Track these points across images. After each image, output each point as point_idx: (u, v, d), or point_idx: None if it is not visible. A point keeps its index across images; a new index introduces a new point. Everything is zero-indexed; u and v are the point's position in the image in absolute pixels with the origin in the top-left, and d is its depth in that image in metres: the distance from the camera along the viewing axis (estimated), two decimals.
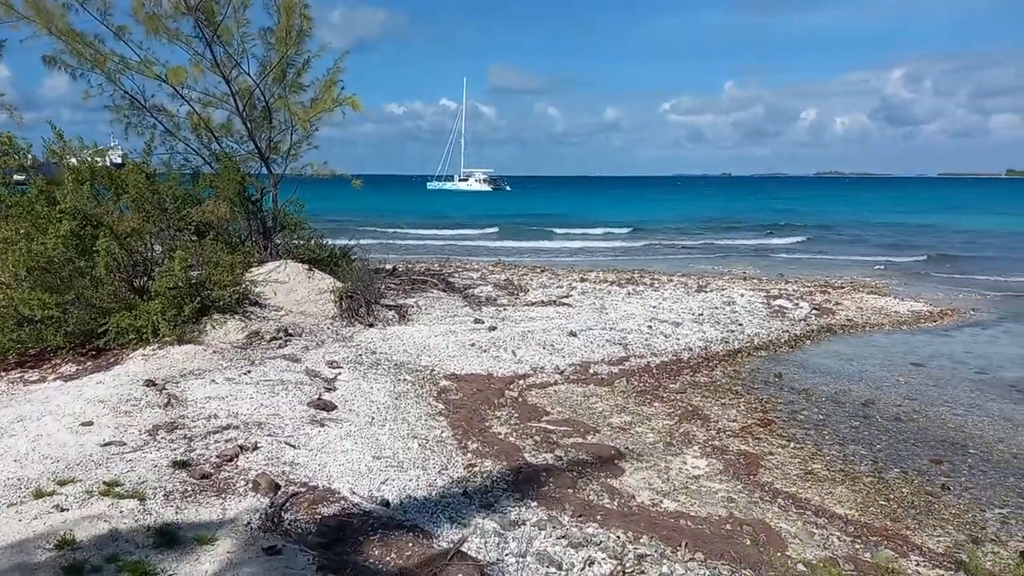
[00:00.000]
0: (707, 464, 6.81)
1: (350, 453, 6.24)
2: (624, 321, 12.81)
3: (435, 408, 7.95)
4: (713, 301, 15.17)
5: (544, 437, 7.29)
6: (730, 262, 24.91)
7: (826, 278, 19.86)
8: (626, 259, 26.26)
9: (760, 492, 6.19)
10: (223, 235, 12.46)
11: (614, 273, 20.21)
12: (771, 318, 13.70)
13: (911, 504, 6.10)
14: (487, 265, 21.39)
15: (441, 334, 11.11)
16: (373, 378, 8.77)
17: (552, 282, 17.75)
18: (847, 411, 8.63)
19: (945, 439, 7.73)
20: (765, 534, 5.31)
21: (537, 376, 9.61)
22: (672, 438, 7.51)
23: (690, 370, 10.36)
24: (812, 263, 25.01)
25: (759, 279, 19.58)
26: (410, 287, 14.78)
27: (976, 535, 5.58)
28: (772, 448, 7.35)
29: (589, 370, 10.01)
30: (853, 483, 6.51)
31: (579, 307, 14.27)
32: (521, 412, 8.12)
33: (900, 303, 15.61)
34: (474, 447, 6.81)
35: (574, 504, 5.63)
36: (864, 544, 5.28)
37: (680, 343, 11.55)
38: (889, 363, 10.93)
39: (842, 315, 14.24)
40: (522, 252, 28.37)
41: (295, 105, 13.33)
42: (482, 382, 9.12)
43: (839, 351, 11.73)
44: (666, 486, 6.21)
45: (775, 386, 9.63)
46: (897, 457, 7.18)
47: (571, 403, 8.59)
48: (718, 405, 8.75)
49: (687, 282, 18.29)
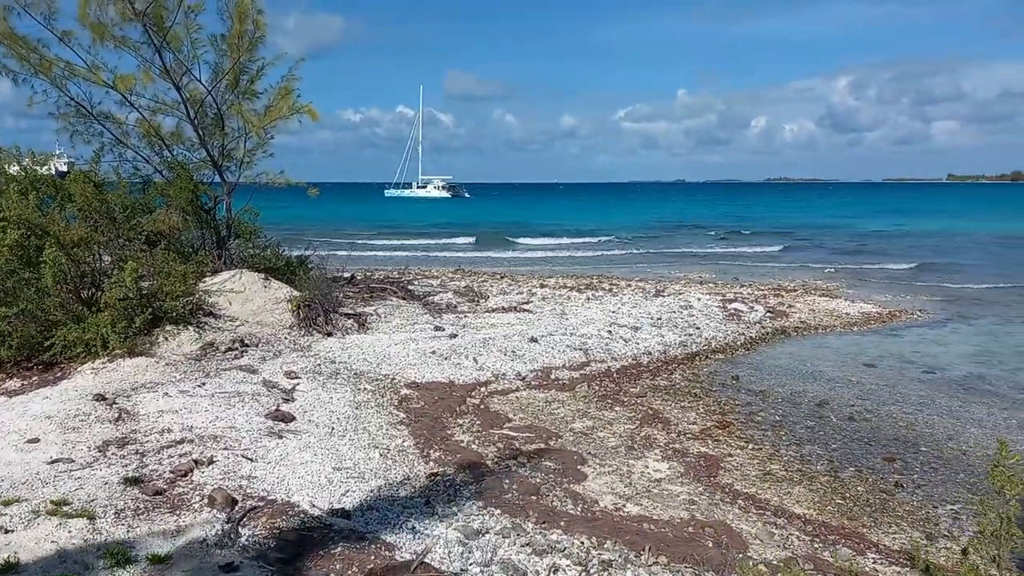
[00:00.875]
0: (668, 467, 6.87)
1: (310, 465, 6.12)
2: (584, 326, 12.88)
3: (396, 417, 7.86)
4: (671, 305, 15.35)
5: (507, 444, 7.27)
6: (687, 266, 25.28)
7: (779, 281, 20.29)
8: (585, 264, 26.45)
9: (721, 494, 6.26)
10: (175, 245, 12.17)
11: (574, 279, 20.34)
12: (727, 321, 13.92)
13: (867, 502, 6.23)
14: (447, 272, 21.31)
15: (401, 342, 11.01)
16: (333, 388, 8.64)
17: (512, 288, 17.76)
18: (802, 412, 8.81)
19: (897, 437, 7.94)
20: (727, 535, 5.36)
21: (499, 383, 9.59)
22: (634, 442, 7.55)
23: (650, 374, 10.45)
24: (766, 266, 25.55)
25: (715, 283, 19.90)
26: (369, 295, 14.63)
27: (930, 531, 5.72)
28: (731, 450, 7.45)
29: (551, 376, 10.02)
30: (810, 483, 6.64)
31: (539, 313, 14.30)
32: (483, 419, 8.09)
33: (850, 305, 16.02)
34: (436, 456, 6.75)
35: (538, 511, 5.61)
36: (822, 543, 5.37)
37: (640, 347, 11.65)
38: (841, 364, 11.20)
39: (795, 317, 14.55)
40: (482, 259, 28.35)
41: (249, 112, 13.11)
42: (443, 390, 9.06)
43: (793, 353, 11.98)
44: (629, 490, 6.24)
45: (733, 388, 9.77)
46: (852, 456, 7.35)
47: (533, 409, 8.59)
48: (678, 408, 8.84)
49: (645, 287, 18.49)
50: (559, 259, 29.41)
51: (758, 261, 28.03)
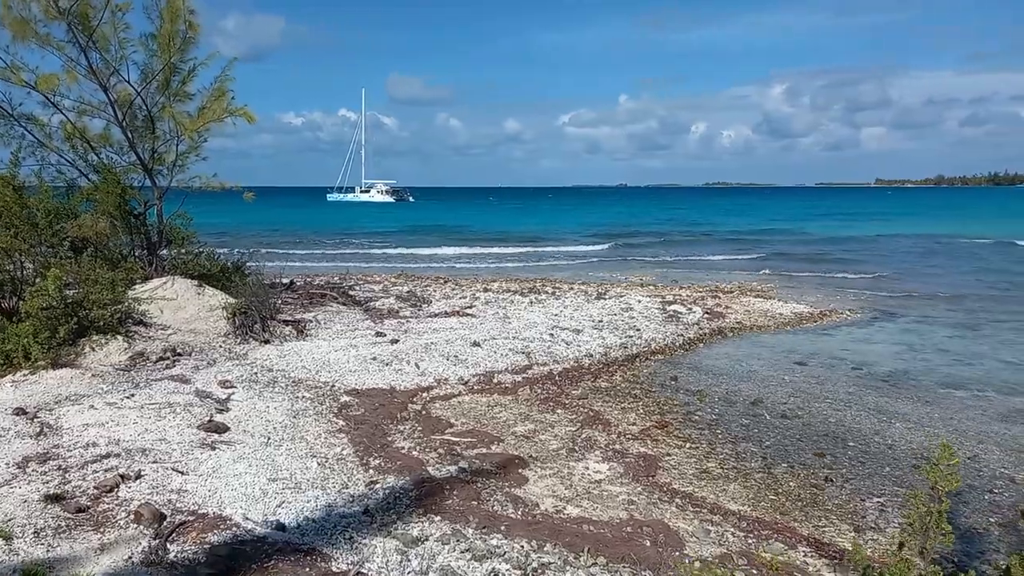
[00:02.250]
0: (608, 468, 6.94)
1: (244, 476, 5.96)
2: (527, 330, 12.93)
3: (335, 425, 7.73)
4: (612, 308, 15.54)
5: (448, 449, 7.22)
6: (628, 269, 25.65)
7: (717, 283, 20.76)
8: (529, 268, 26.56)
9: (659, 493, 6.35)
10: (103, 251, 11.73)
11: (517, 282, 20.40)
12: (666, 323, 14.17)
13: (798, 497, 6.42)
14: (389, 277, 21.11)
15: (341, 348, 10.85)
16: (269, 396, 8.44)
17: (456, 292, 17.71)
18: (738, 410, 9.02)
19: (827, 433, 8.20)
20: (664, 534, 5.44)
21: (441, 388, 9.53)
22: (575, 444, 7.60)
23: (591, 376, 10.55)
24: (704, 268, 26.12)
25: (655, 285, 20.24)
26: (309, 301, 14.37)
27: (857, 524, 5.92)
28: (669, 449, 7.57)
29: (493, 379, 10.02)
30: (745, 480, 6.80)
31: (482, 317, 14.29)
32: (425, 425, 8.02)
33: (784, 305, 16.51)
34: (376, 463, 6.66)
35: (478, 516, 5.59)
36: (756, 539, 5.50)
37: (581, 350, 11.75)
38: (775, 362, 11.53)
39: (732, 318, 14.91)
40: (426, 263, 28.19)
41: (181, 115, 12.75)
42: (384, 396, 8.96)
43: (729, 353, 12.27)
44: (569, 492, 6.28)
45: (671, 388, 9.94)
46: (784, 452, 7.56)
47: (475, 414, 8.56)
48: (618, 409, 8.95)
49: (587, 289, 18.67)
50: (503, 261, 29.47)
51: (697, 263, 28.64)
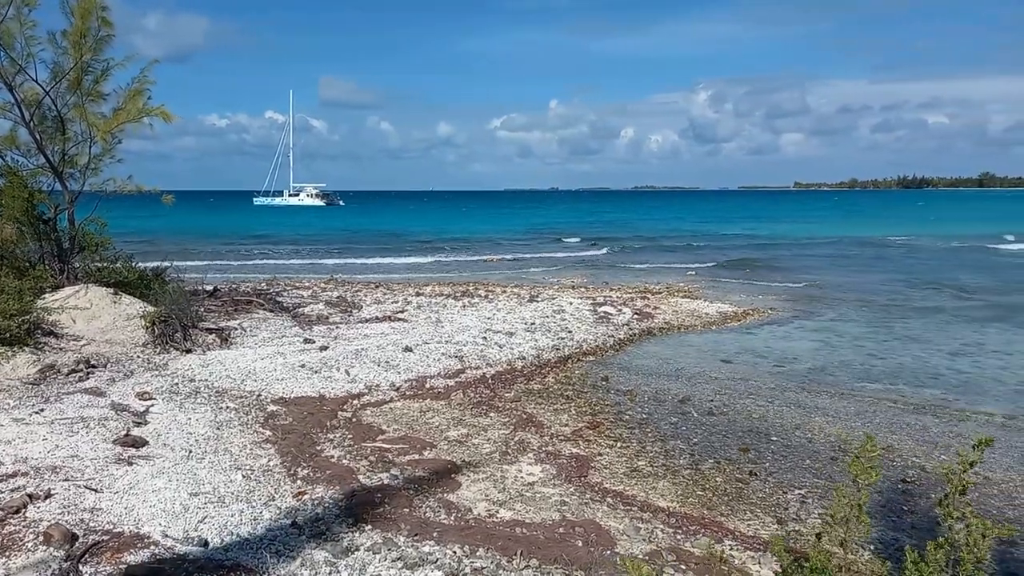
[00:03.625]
0: (541, 470, 6.97)
1: (163, 492, 5.72)
2: (459, 333, 12.88)
3: (262, 435, 7.51)
4: (544, 310, 15.65)
5: (379, 457, 7.12)
6: (560, 272, 25.89)
7: (646, 284, 21.18)
8: (461, 271, 26.49)
9: (591, 493, 6.41)
10: (9, 259, 11.09)
11: (450, 286, 20.31)
12: (597, 324, 14.36)
13: (724, 492, 6.59)
14: (319, 282, 20.68)
15: (268, 356, 10.56)
16: (191, 408, 8.14)
17: (387, 297, 17.50)
18: (667, 408, 9.21)
19: (751, 429, 8.45)
20: (596, 533, 5.50)
21: (372, 394, 9.39)
22: (508, 447, 7.60)
23: (524, 378, 10.59)
24: (634, 270, 26.61)
25: (587, 287, 20.50)
26: (233, 309, 13.94)
27: (780, 516, 6.12)
28: (601, 449, 7.66)
29: (425, 385, 9.93)
30: (674, 476, 6.94)
31: (415, 322, 14.16)
32: (355, 433, 7.88)
33: (710, 305, 16.97)
34: (304, 474, 6.50)
35: (410, 523, 5.52)
36: (684, 534, 5.62)
37: (514, 352, 11.78)
38: (702, 361, 11.83)
39: (660, 318, 15.23)
40: (356, 268, 27.76)
41: (94, 115, 12.18)
42: (313, 404, 8.76)
43: (658, 352, 12.52)
44: (502, 495, 6.27)
45: (603, 389, 10.07)
46: (711, 448, 7.75)
47: (407, 419, 8.47)
48: (551, 411, 9.00)
49: (520, 292, 18.76)
50: (436, 265, 29.30)
51: (627, 265, 29.14)
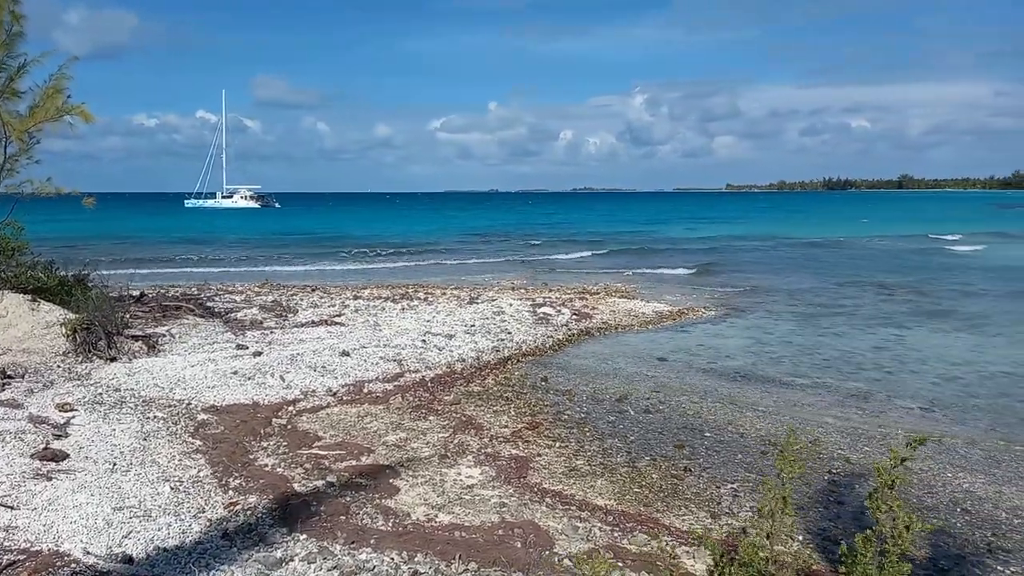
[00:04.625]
0: (481, 472, 6.95)
1: (85, 507, 5.48)
2: (398, 337, 12.76)
3: (192, 445, 7.27)
4: (484, 312, 15.65)
5: (315, 464, 6.98)
6: (500, 273, 25.94)
7: (584, 285, 21.41)
8: (400, 274, 26.25)
9: (530, 494, 6.43)
10: None
11: (388, 288, 20.10)
12: (537, 325, 14.45)
13: (660, 488, 6.71)
14: (252, 287, 20.17)
15: (198, 363, 10.24)
16: (116, 419, 7.83)
17: (324, 301, 17.20)
18: (605, 407, 9.33)
19: (686, 425, 8.64)
20: (534, 534, 5.52)
21: (308, 400, 9.21)
22: (447, 450, 7.56)
23: (464, 380, 10.56)
24: (573, 271, 26.88)
25: (526, 288, 20.59)
26: (162, 315, 13.47)
27: (713, 510, 6.26)
28: (540, 449, 7.70)
29: (363, 389, 9.80)
30: (611, 475, 7.02)
31: (352, 325, 13.96)
32: (290, 440, 7.71)
33: (646, 305, 17.28)
34: (236, 484, 6.32)
35: (347, 530, 5.43)
36: (622, 531, 5.69)
37: (454, 355, 11.74)
38: (638, 360, 12.03)
39: (598, 318, 15.42)
40: (292, 271, 27.19)
41: (9, 114, 11.62)
42: (246, 412, 8.53)
43: (597, 352, 12.67)
44: (441, 499, 6.23)
45: (542, 389, 10.13)
46: (647, 446, 7.88)
47: (345, 425, 8.34)
48: (490, 413, 9.00)
49: (460, 294, 18.71)
50: (375, 268, 28.94)
51: (566, 266, 29.42)
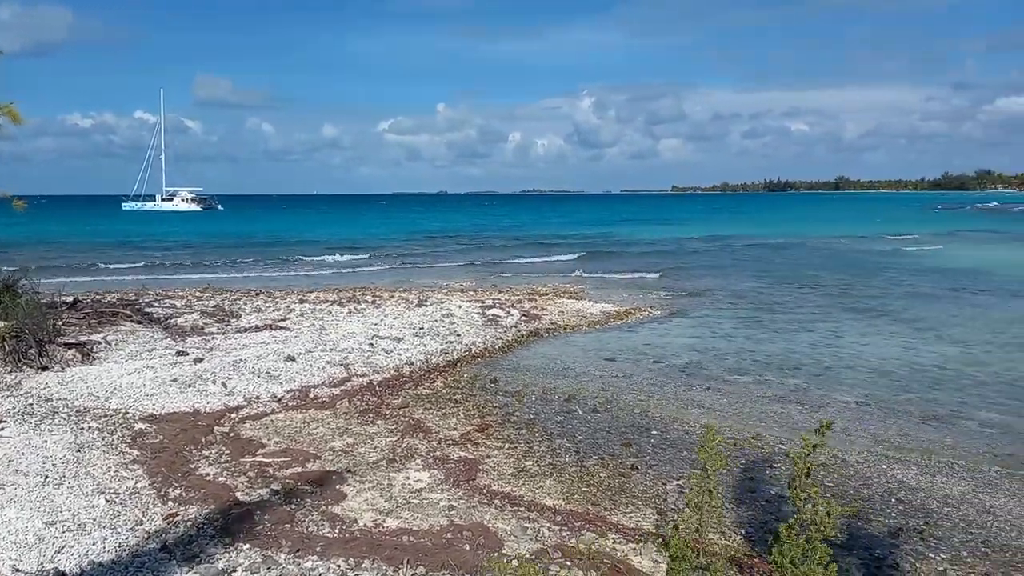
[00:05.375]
0: (429, 476, 6.91)
1: (14, 523, 5.25)
2: (345, 340, 12.60)
3: (129, 456, 7.04)
4: (433, 314, 15.57)
5: (259, 472, 6.83)
6: (450, 275, 25.85)
7: (533, 286, 21.50)
8: (348, 277, 25.91)
9: (479, 496, 6.43)
10: None
11: (335, 292, 19.83)
12: (486, 327, 14.44)
13: (608, 487, 6.78)
14: (194, 291, 19.64)
15: (136, 371, 9.92)
16: (48, 430, 7.53)
17: (268, 305, 16.86)
18: (554, 408, 9.38)
19: (633, 423, 8.75)
20: (483, 536, 5.51)
21: (252, 407, 9.02)
22: (395, 454, 7.50)
23: (412, 384, 10.48)
24: (522, 272, 26.96)
25: (475, 290, 20.56)
26: (97, 321, 13.00)
27: (659, 507, 6.36)
28: (489, 451, 7.70)
29: (309, 394, 9.64)
30: (560, 474, 7.07)
31: (298, 330, 13.72)
32: (233, 448, 7.53)
33: (594, 305, 17.46)
34: (176, 494, 6.14)
35: (292, 539, 5.33)
36: (570, 531, 5.73)
37: (402, 358, 11.65)
38: (587, 360, 12.13)
39: (547, 319, 15.50)
40: (235, 275, 26.57)
41: None
42: (187, 420, 8.30)
43: (546, 352, 12.74)
44: (389, 504, 6.18)
45: (491, 391, 10.13)
46: (595, 445, 7.96)
47: (290, 431, 8.19)
48: (439, 415, 8.96)
49: (408, 297, 18.58)
50: (321, 271, 28.48)
51: (516, 267, 29.49)
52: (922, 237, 45.52)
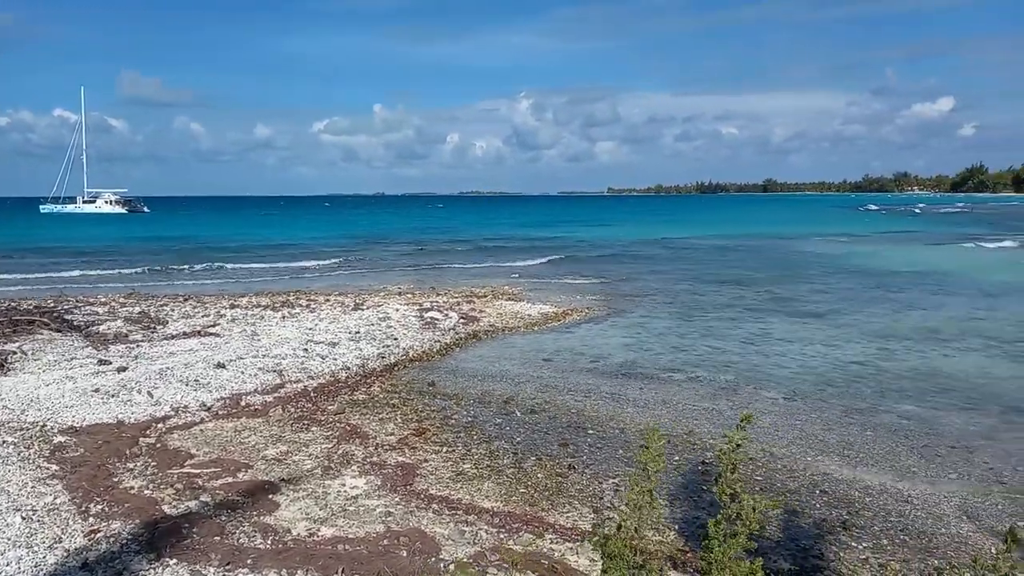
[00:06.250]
0: (365, 482, 6.83)
1: None
2: (278, 346, 12.32)
3: (47, 471, 6.71)
4: (370, 318, 15.39)
5: (188, 483, 6.62)
6: (387, 278, 25.58)
7: (472, 288, 21.48)
8: (282, 281, 25.35)
9: (416, 501, 6.38)
10: None
11: (268, 296, 19.37)
12: (424, 329, 14.35)
13: (545, 487, 6.82)
14: (117, 298, 18.87)
15: (54, 382, 9.48)
16: None
17: (197, 311, 16.34)
18: (492, 410, 9.38)
19: (570, 424, 8.83)
20: (421, 541, 5.47)
21: (179, 417, 8.72)
22: (331, 461, 7.38)
23: (348, 389, 10.33)
24: (461, 274, 26.89)
25: (413, 293, 20.40)
26: (11, 330, 12.36)
27: (596, 505, 6.44)
28: (427, 455, 7.65)
29: (240, 402, 9.39)
30: (498, 476, 7.08)
31: (228, 336, 13.35)
32: (160, 460, 7.27)
33: (532, 307, 17.55)
34: (98, 509, 5.89)
35: (222, 552, 5.18)
36: (508, 533, 5.75)
37: (338, 363, 11.47)
38: (525, 361, 12.19)
39: (485, 321, 15.51)
40: (162, 280, 25.65)
41: None
42: (110, 432, 7.97)
43: (484, 354, 12.74)
44: (324, 512, 6.07)
45: (429, 395, 10.07)
46: (533, 446, 8.00)
47: (220, 441, 7.95)
48: (376, 421, 8.85)
49: (344, 300, 18.30)
50: (253, 277, 27.75)
51: (454, 269, 29.39)
52: (848, 238, 47.47)
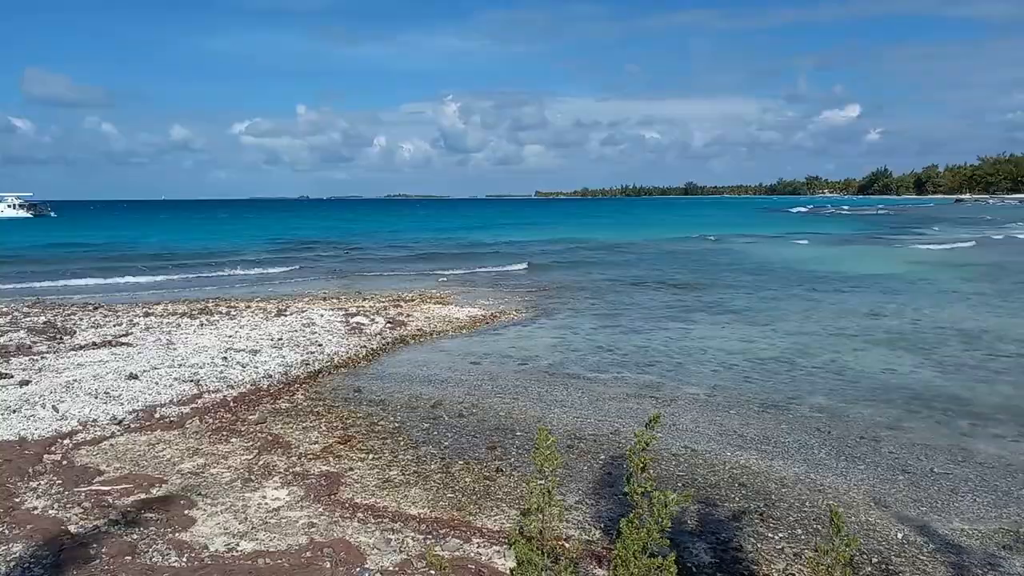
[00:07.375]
0: (288, 493, 6.65)
1: None
2: (195, 355, 11.88)
3: None
4: (293, 324, 15.02)
5: (96, 501, 6.29)
6: (311, 283, 25.03)
7: (399, 292, 21.26)
8: (199, 288, 24.44)
9: (341, 510, 6.25)
10: None
11: (185, 304, 18.64)
12: (349, 335, 14.10)
13: (473, 491, 6.80)
14: (19, 307, 17.80)
15: None
16: None
17: (108, 320, 15.59)
18: (419, 415, 9.30)
19: (499, 426, 8.84)
20: (345, 552, 5.36)
21: (88, 431, 8.29)
22: (251, 473, 7.15)
23: (271, 397, 10.05)
24: (387, 278, 26.56)
25: (339, 298, 20.03)
26: None
27: (524, 508, 6.44)
28: (353, 463, 7.51)
29: (155, 414, 9.00)
30: (425, 482, 7.01)
31: (142, 345, 12.78)
32: (66, 477, 6.89)
33: (460, 310, 17.51)
34: None
35: (132, 572, 4.94)
36: (435, 538, 5.70)
37: (259, 371, 11.14)
38: (453, 365, 12.13)
39: (413, 326, 15.37)
40: (70, 288, 24.33)
41: None
42: (11, 450, 7.51)
43: (412, 359, 12.62)
44: (243, 526, 5.87)
45: (355, 401, 9.90)
46: (461, 450, 7.96)
47: (132, 456, 7.60)
48: (300, 429, 8.64)
49: (266, 307, 17.80)
50: (169, 284, 26.63)
51: (380, 273, 28.99)
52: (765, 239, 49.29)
